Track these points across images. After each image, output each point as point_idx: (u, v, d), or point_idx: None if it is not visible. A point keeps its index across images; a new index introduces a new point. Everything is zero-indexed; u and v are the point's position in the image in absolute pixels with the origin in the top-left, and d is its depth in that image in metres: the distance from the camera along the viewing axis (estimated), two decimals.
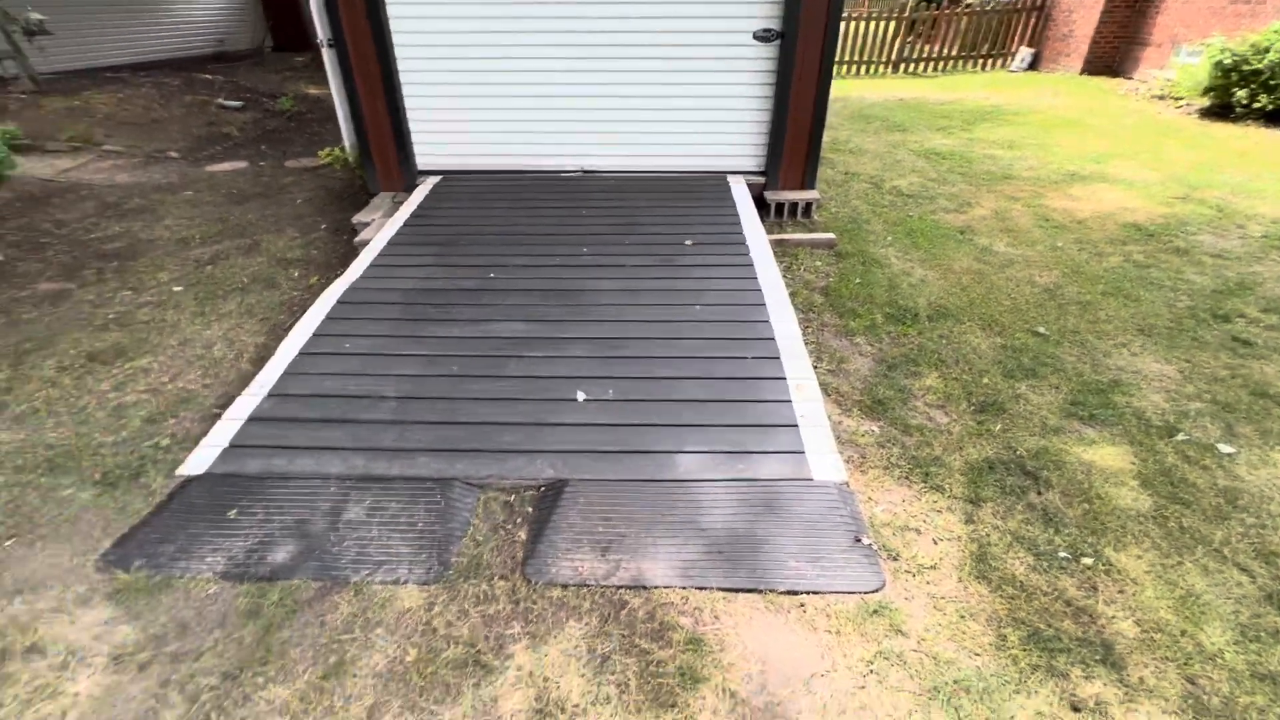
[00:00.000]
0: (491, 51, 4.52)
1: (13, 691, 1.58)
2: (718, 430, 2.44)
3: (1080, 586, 1.90)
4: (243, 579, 1.90)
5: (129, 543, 2.02)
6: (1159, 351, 3.06)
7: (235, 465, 2.31)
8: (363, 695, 1.59)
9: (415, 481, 2.25)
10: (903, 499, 2.23)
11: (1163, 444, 2.45)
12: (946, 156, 6.25)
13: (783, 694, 1.61)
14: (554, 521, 2.09)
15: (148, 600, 1.82)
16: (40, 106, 7.15)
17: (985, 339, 3.19)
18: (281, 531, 2.06)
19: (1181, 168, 5.59)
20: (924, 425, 2.59)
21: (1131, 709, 1.58)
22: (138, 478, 2.28)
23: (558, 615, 1.80)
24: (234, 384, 2.85)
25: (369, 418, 2.52)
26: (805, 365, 2.77)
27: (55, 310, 3.53)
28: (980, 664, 1.68)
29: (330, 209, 5.13)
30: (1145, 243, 4.21)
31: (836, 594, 1.86)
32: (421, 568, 1.95)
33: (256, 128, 7.66)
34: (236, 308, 3.56)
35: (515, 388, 2.68)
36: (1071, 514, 2.15)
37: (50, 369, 2.94)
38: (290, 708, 1.56)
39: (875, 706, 1.58)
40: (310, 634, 1.74)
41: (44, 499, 2.17)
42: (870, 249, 4.23)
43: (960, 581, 1.92)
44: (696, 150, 4.84)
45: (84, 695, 1.58)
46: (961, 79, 10.70)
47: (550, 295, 3.32)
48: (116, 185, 5.56)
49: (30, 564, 1.94)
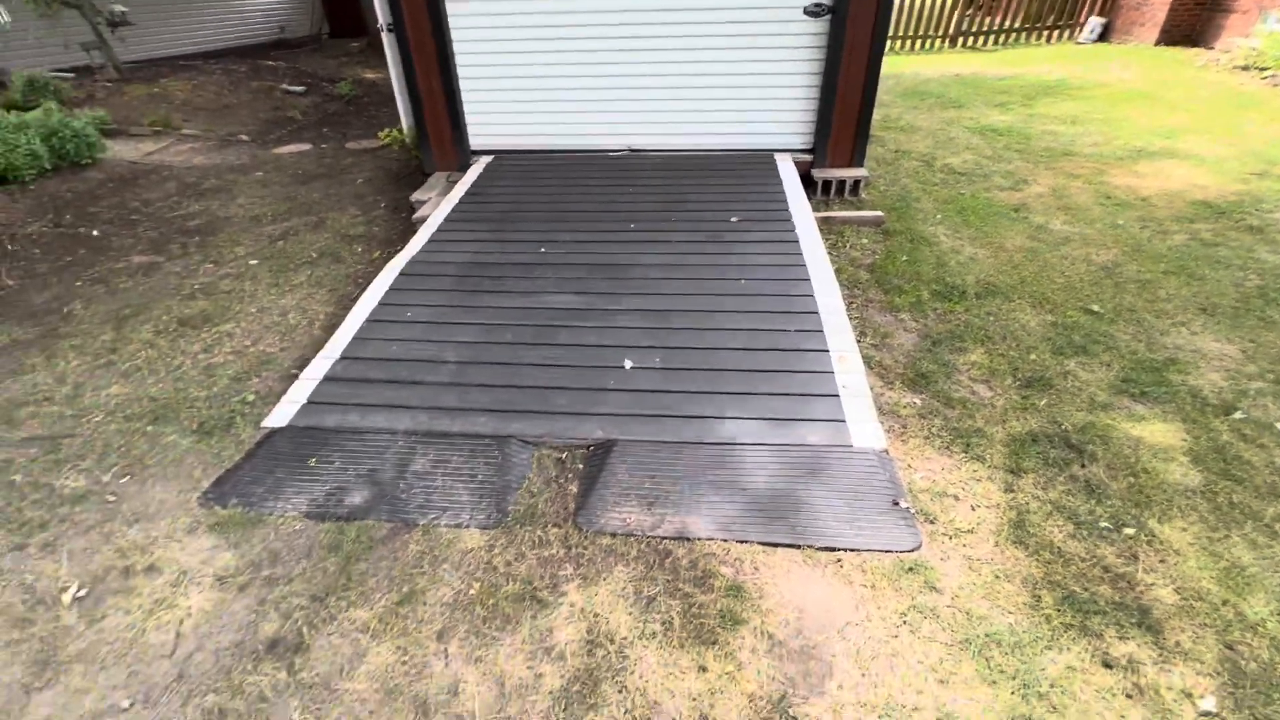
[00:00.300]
0: (542, 33, 4.62)
1: (138, 602, 1.81)
2: (761, 398, 2.53)
3: (1120, 555, 1.92)
4: (324, 518, 2.10)
5: (225, 483, 2.26)
6: (1221, 331, 2.97)
7: (314, 419, 2.53)
8: (433, 620, 1.76)
9: (475, 438, 2.42)
10: (942, 467, 2.27)
11: (1218, 421, 2.41)
12: (1003, 133, 6.06)
13: (818, 639, 1.71)
14: (603, 477, 2.23)
15: (243, 532, 2.04)
16: (124, 93, 7.65)
17: (1035, 316, 3.16)
18: (356, 478, 2.26)
19: (1260, 142, 5.28)
20: (967, 399, 2.60)
21: (1165, 669, 1.61)
22: (229, 428, 2.52)
23: (606, 560, 1.94)
24: (308, 348, 3.08)
25: (432, 380, 2.70)
26: (848, 338, 2.81)
27: (148, 280, 3.85)
28: (1013, 621, 1.74)
29: (389, 188, 5.36)
30: (1215, 220, 4.03)
31: (873, 552, 1.94)
32: (482, 514, 2.12)
33: (318, 111, 8.00)
34: (306, 279, 3.81)
35: (567, 355, 2.81)
36: (1115, 487, 2.15)
37: (148, 332, 3.24)
38: (370, 627, 1.74)
39: (906, 654, 1.66)
40: (384, 567, 1.92)
41: (151, 444, 2.43)
42: (919, 227, 4.19)
43: (996, 545, 1.96)
44: (743, 128, 4.86)
45: (196, 608, 1.80)
46: (1024, 53, 10.23)
47: (599, 269, 3.44)
48: (194, 167, 5.94)
49: (143, 498, 2.19)
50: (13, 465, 2.33)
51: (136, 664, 1.65)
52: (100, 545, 1.99)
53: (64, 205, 4.89)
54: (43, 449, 2.42)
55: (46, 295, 3.69)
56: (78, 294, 3.68)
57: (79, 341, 3.16)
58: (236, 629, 1.75)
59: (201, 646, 1.70)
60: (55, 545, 2.00)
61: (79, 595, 1.83)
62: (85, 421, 2.56)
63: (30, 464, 2.34)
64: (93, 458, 2.36)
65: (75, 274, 3.94)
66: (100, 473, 2.29)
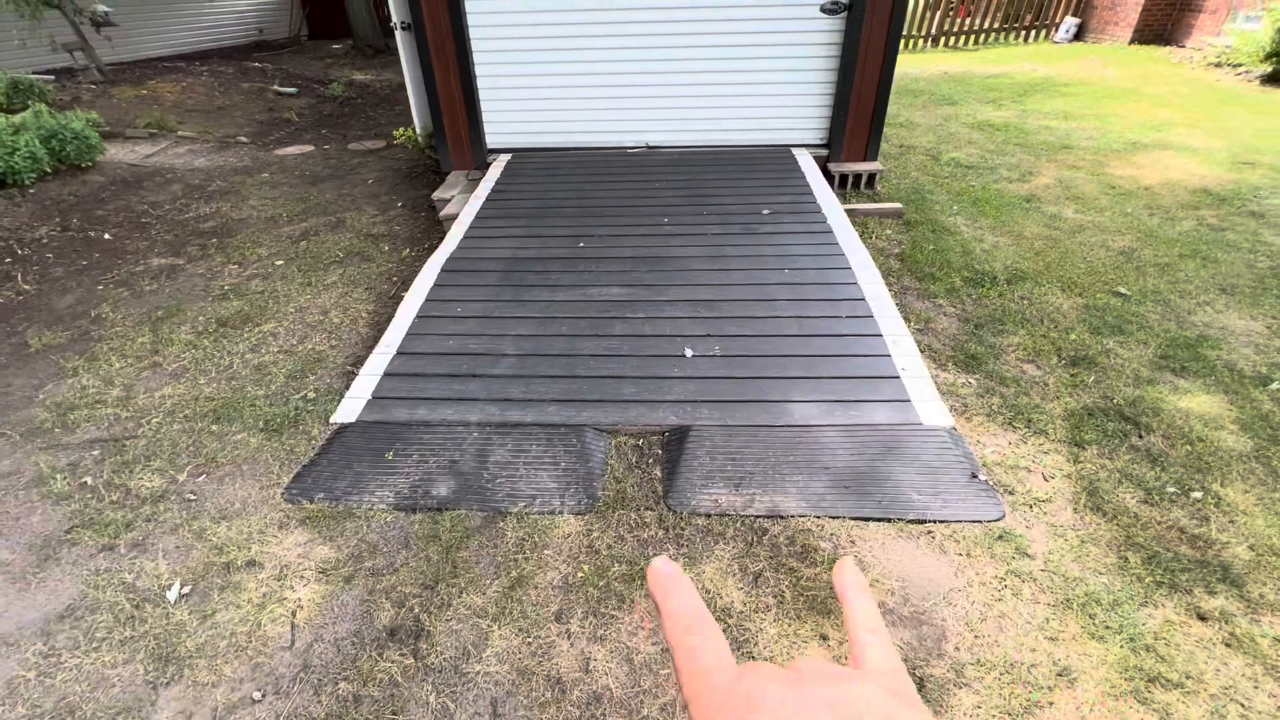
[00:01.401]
0: (559, 30, 4.64)
1: (245, 596, 1.79)
2: (824, 381, 2.59)
3: (1192, 517, 2.02)
4: (413, 509, 2.10)
5: (305, 479, 2.24)
6: (1243, 309, 3.13)
7: (382, 414, 2.52)
8: (548, 603, 1.78)
9: (549, 427, 2.44)
10: (1009, 442, 2.36)
11: (1257, 392, 2.55)
12: (1001, 128, 6.25)
13: (925, 605, 1.77)
14: (685, 461, 2.27)
15: (335, 526, 2.03)
16: (111, 96, 7.44)
17: (1066, 299, 3.28)
18: (438, 470, 2.26)
19: (1246, 134, 5.55)
20: (1018, 377, 2.70)
21: (1255, 619, 1.71)
22: (296, 425, 2.49)
23: (705, 540, 1.98)
24: (358, 345, 3.05)
25: (495, 372, 2.71)
26: (899, 323, 2.90)
27: (173, 282, 3.77)
28: (1106, 581, 1.82)
29: (402, 187, 5.32)
30: (1217, 207, 4.23)
31: (960, 523, 2.01)
32: (572, 499, 2.14)
33: (313, 113, 7.88)
34: (339, 279, 3.77)
35: (624, 345, 2.84)
36: (1175, 454, 2.26)
37: (187, 333, 3.18)
38: (488, 611, 1.75)
39: (1013, 615, 1.73)
40: (487, 554, 1.93)
41: (220, 442, 2.40)
42: (938, 217, 4.31)
43: (1076, 512, 2.05)
44: (759, 124, 4.94)
45: (305, 601, 1.79)
46: (1005, 51, 10.55)
47: (640, 262, 3.48)
48: (197, 169, 5.81)
49: (224, 495, 2.16)
50: (80, 467, 2.28)
51: (258, 656, 1.64)
52: (193, 542, 1.96)
53: (69, 209, 4.75)
54: (106, 451, 2.36)
55: (69, 299, 3.58)
56: (102, 297, 3.59)
57: (117, 344, 3.09)
58: (351, 619, 1.74)
59: (319, 637, 1.70)
60: (145, 545, 1.96)
61: (184, 592, 1.80)
62: (145, 423, 2.51)
63: (98, 466, 2.28)
64: (163, 458, 2.32)
65: (95, 278, 3.84)
66: (174, 472, 2.25)
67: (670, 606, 0.34)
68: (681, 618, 0.33)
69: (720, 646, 0.32)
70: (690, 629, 0.32)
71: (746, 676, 0.29)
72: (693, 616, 0.33)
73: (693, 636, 0.32)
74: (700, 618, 0.33)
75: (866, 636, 0.34)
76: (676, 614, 0.33)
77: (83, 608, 1.78)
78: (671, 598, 0.34)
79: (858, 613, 0.36)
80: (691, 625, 0.32)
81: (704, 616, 0.33)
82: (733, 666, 0.30)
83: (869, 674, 0.31)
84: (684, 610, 0.33)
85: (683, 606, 0.33)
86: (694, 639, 0.32)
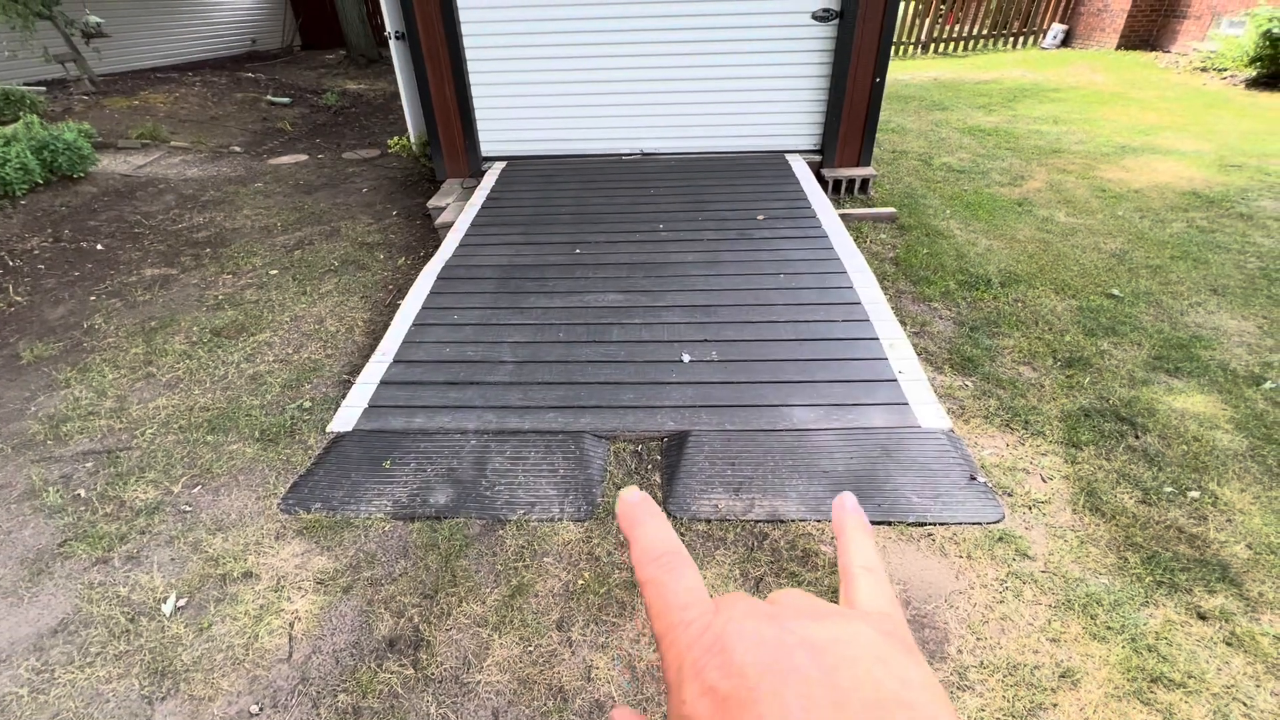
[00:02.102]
0: (553, 38, 4.67)
1: (242, 608, 1.77)
2: (822, 385, 2.59)
3: (1190, 516, 2.03)
4: (411, 518, 2.09)
5: (302, 489, 2.22)
6: (1234, 309, 3.15)
7: (379, 423, 2.50)
8: (549, 610, 1.77)
9: (548, 434, 2.43)
10: (1006, 444, 2.36)
11: (1251, 391, 2.57)
12: (991, 133, 6.31)
13: (928, 609, 1.77)
14: (684, 466, 2.26)
15: (333, 536, 2.01)
16: (103, 106, 7.42)
17: (1060, 301, 3.31)
18: (435, 478, 2.25)
19: (1233, 137, 5.62)
20: (1015, 379, 2.71)
21: (1255, 618, 1.71)
22: (292, 435, 2.48)
23: (706, 545, 1.97)
24: (354, 354, 3.04)
25: (492, 379, 2.70)
26: (895, 326, 2.91)
27: (166, 292, 3.75)
28: (1106, 581, 1.82)
29: (397, 196, 5.32)
30: (1206, 209, 4.28)
31: (960, 525, 2.01)
32: (572, 506, 2.13)
33: (307, 122, 7.88)
34: (334, 288, 3.76)
35: (622, 351, 2.84)
36: (1171, 454, 2.28)
37: (180, 344, 3.16)
38: (489, 620, 1.74)
39: (1015, 617, 1.73)
40: (487, 562, 1.92)
41: (215, 453, 2.38)
42: (932, 221, 4.34)
43: (1075, 513, 2.06)
44: (753, 130, 4.96)
45: (304, 612, 1.77)
46: (993, 57, 10.67)
47: (637, 268, 3.48)
48: (190, 179, 5.79)
49: (220, 506, 2.14)
50: (74, 479, 2.25)
51: (256, 669, 1.62)
52: (189, 554, 1.94)
53: (60, 220, 4.72)
54: (100, 463, 2.34)
55: (61, 310, 3.56)
56: (95, 308, 3.57)
57: (110, 355, 3.06)
58: (350, 630, 1.72)
59: (318, 649, 1.68)
60: (140, 557, 1.94)
61: (179, 605, 1.78)
62: (139, 434, 2.49)
63: (92, 478, 2.26)
64: (157, 469, 2.30)
65: (87, 288, 3.81)
66: (169, 483, 2.23)
67: (639, 537, 0.31)
68: (651, 550, 0.30)
69: (693, 580, 0.29)
70: (660, 562, 0.30)
71: (722, 612, 0.27)
72: (664, 548, 0.30)
73: (663, 570, 0.29)
74: (672, 550, 0.30)
75: (859, 572, 0.32)
76: (646, 546, 0.31)
77: (76, 622, 1.76)
78: (639, 528, 0.31)
79: (853, 548, 0.33)
80: (662, 558, 0.30)
81: (676, 548, 0.31)
82: (706, 601, 0.28)
83: (858, 613, 0.28)
84: (654, 542, 0.31)
85: (653, 538, 0.31)
86: (664, 573, 0.29)
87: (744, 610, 0.27)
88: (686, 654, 0.26)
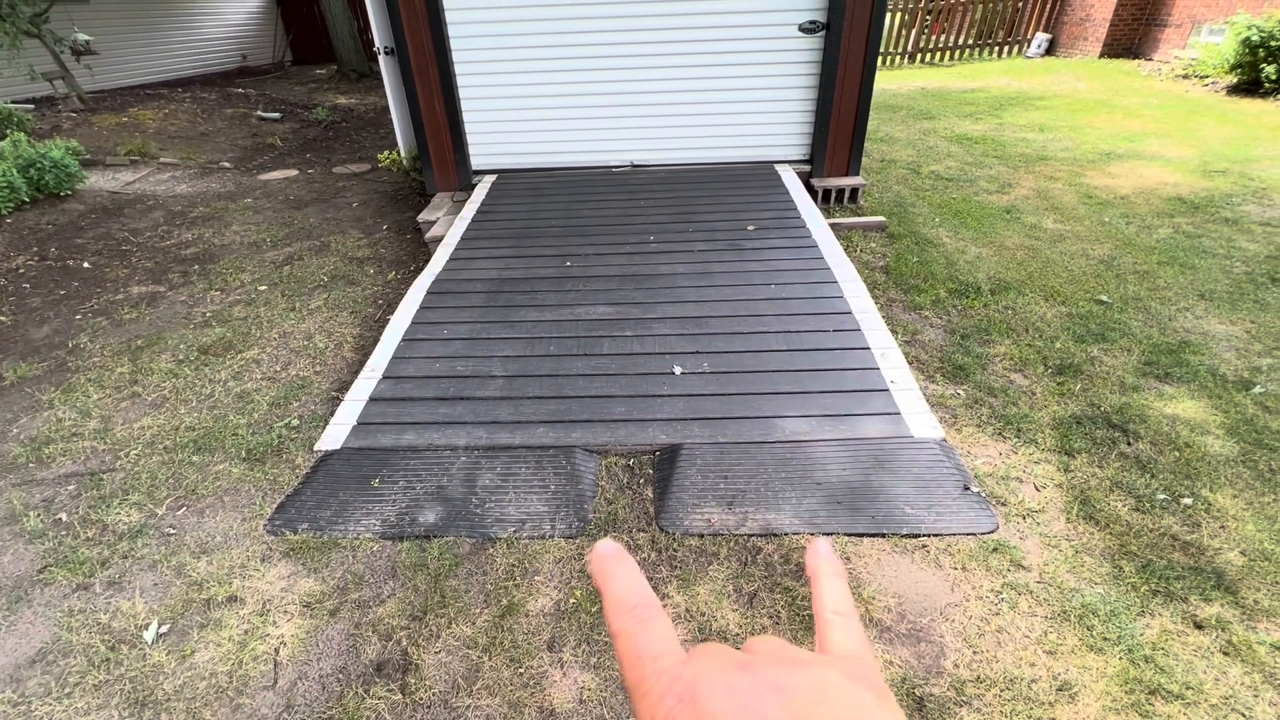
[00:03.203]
0: (542, 52, 4.69)
1: (227, 634, 1.74)
2: (814, 396, 2.58)
3: (1183, 524, 2.03)
4: (400, 538, 2.06)
5: (289, 509, 2.19)
6: (1222, 314, 3.17)
7: (368, 440, 2.47)
8: (540, 630, 1.74)
9: (538, 449, 2.41)
10: (1000, 452, 2.36)
11: (1240, 396, 2.57)
12: (979, 141, 6.36)
13: (923, 622, 1.75)
14: (677, 480, 2.24)
15: (320, 557, 1.98)
16: (92, 123, 7.39)
17: (1050, 308, 3.32)
18: (425, 496, 2.22)
19: (1216, 144, 5.68)
20: (1006, 387, 2.71)
21: (1251, 626, 1.70)
22: (280, 454, 2.44)
23: (699, 560, 1.95)
24: (343, 370, 3.01)
25: (482, 394, 2.68)
26: (886, 336, 2.90)
27: (154, 310, 3.71)
28: (1102, 591, 1.81)
29: (387, 210, 5.31)
30: (1192, 215, 4.31)
31: (955, 535, 2.00)
32: (563, 523, 2.10)
33: (297, 137, 7.87)
34: (324, 303, 3.74)
35: (613, 364, 2.83)
36: (1163, 461, 2.27)
37: (167, 362, 3.12)
38: (478, 642, 1.71)
39: (1011, 629, 1.72)
40: (477, 581, 1.89)
41: (201, 473, 2.34)
42: (921, 230, 4.36)
43: (1069, 522, 2.05)
44: (742, 141, 4.99)
45: (289, 636, 1.73)
46: (979, 67, 10.79)
47: (628, 280, 3.47)
48: (179, 195, 5.77)
49: (205, 528, 2.10)
50: (55, 503, 2.21)
51: (240, 697, 1.58)
52: (172, 579, 1.90)
53: (47, 238, 4.68)
54: (82, 485, 2.30)
55: (46, 330, 3.52)
56: (80, 327, 3.53)
57: (95, 375, 3.03)
58: (337, 654, 1.69)
59: (304, 675, 1.64)
60: (122, 582, 1.90)
61: (162, 631, 1.74)
62: (123, 455, 2.45)
63: (74, 501, 2.22)
64: (141, 491, 2.26)
65: (73, 307, 3.77)
66: (153, 506, 2.19)
67: (612, 589, 0.32)
68: (624, 601, 0.31)
69: (665, 631, 0.30)
70: (633, 613, 0.30)
71: (693, 661, 0.28)
72: (636, 599, 0.31)
73: (635, 621, 0.30)
74: (644, 601, 0.31)
75: (832, 617, 0.32)
76: (619, 597, 0.31)
77: (55, 651, 1.72)
78: (612, 580, 0.32)
79: (826, 594, 0.34)
80: (635, 609, 0.31)
81: (649, 599, 0.31)
82: (678, 651, 0.29)
83: (830, 659, 0.29)
84: (627, 593, 0.31)
85: (625, 590, 0.31)
86: (636, 624, 0.30)
87: (716, 660, 0.28)
88: (659, 704, 0.26)
